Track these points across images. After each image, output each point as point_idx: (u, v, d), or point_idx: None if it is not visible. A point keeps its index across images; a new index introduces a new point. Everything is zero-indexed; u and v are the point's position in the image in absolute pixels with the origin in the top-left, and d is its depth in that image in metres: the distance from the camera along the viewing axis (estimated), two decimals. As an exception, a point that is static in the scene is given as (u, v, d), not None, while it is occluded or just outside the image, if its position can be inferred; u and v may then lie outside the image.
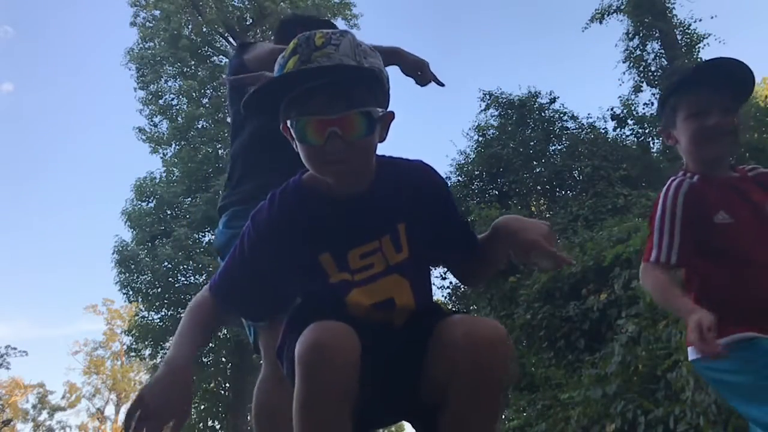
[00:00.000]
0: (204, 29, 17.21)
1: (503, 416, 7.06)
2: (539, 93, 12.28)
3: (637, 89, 12.10)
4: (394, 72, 2.04)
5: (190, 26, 17.35)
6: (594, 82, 45.46)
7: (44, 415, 31.92)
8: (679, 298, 1.50)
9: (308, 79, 1.08)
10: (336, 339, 0.99)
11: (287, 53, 1.13)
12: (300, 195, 1.20)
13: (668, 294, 1.52)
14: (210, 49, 17.83)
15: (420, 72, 2.12)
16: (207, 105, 16.69)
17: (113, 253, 14.59)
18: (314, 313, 1.07)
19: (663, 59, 11.74)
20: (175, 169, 16.04)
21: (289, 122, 1.12)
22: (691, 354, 1.55)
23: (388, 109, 1.18)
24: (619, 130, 11.98)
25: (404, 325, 1.18)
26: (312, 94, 1.08)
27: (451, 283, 10.47)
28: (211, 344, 14.48)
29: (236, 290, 1.21)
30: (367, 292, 1.16)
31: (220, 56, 17.87)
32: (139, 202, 15.51)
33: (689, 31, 11.72)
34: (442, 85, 2.14)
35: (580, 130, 11.95)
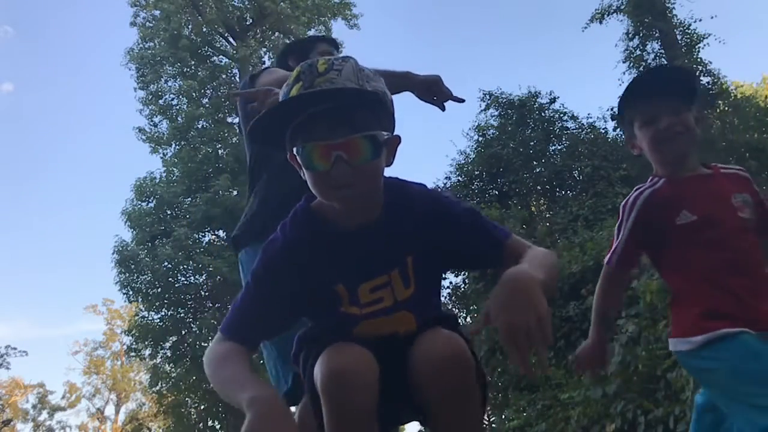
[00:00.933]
0: (204, 29, 17.22)
1: (503, 416, 7.06)
2: (539, 93, 12.30)
3: (637, 89, 12.09)
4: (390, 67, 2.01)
5: (190, 26, 17.36)
6: (594, 82, 45.24)
7: (44, 415, 31.97)
8: (595, 320, 1.76)
9: (311, 104, 1.08)
10: (355, 364, 1.03)
11: (291, 80, 1.14)
12: (311, 224, 1.19)
13: (595, 308, 1.77)
14: (210, 49, 17.83)
15: (433, 88, 2.06)
16: (207, 105, 16.70)
17: (113, 253, 14.62)
18: (326, 337, 1.10)
19: (663, 59, 11.73)
20: (175, 169, 16.04)
21: (295, 150, 1.11)
22: (673, 346, 1.61)
23: (394, 133, 1.17)
24: (619, 130, 11.99)
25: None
26: (315, 120, 1.08)
27: (451, 283, 10.47)
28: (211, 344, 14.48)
29: (251, 325, 1.19)
30: (374, 326, 1.18)
31: (220, 56, 17.89)
32: (139, 202, 15.52)
33: (689, 31, 11.72)
34: (462, 100, 2.09)
35: (580, 130, 11.97)
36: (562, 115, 12.13)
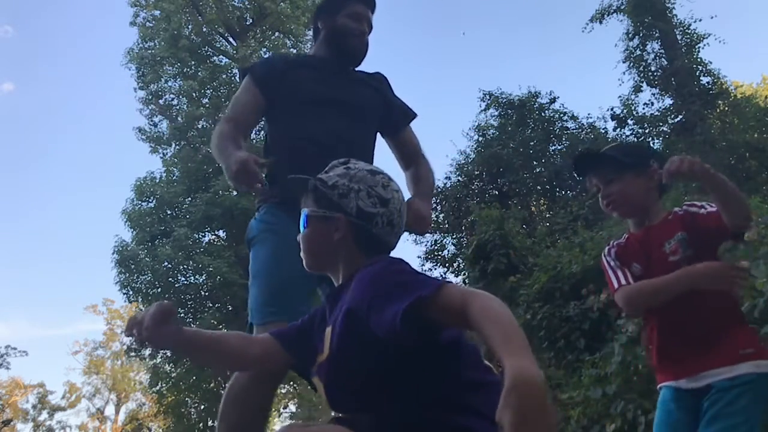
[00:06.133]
0: (204, 29, 17.22)
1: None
2: (539, 93, 12.31)
3: (637, 89, 12.11)
4: (398, 74, 2.03)
5: (190, 26, 17.34)
6: (594, 82, 45.27)
7: (44, 415, 31.94)
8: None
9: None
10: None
11: None
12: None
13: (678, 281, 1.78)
14: (210, 49, 17.82)
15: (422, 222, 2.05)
16: (207, 105, 16.68)
17: (113, 253, 14.60)
18: None
19: (663, 59, 11.75)
20: (175, 169, 16.03)
21: None
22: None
23: (338, 216, 1.24)
24: (619, 130, 12.00)
25: None
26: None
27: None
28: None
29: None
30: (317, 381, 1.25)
31: (220, 56, 17.87)
32: (139, 202, 15.50)
33: (689, 31, 11.73)
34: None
35: (580, 130, 11.98)
36: (562, 115, 12.15)
